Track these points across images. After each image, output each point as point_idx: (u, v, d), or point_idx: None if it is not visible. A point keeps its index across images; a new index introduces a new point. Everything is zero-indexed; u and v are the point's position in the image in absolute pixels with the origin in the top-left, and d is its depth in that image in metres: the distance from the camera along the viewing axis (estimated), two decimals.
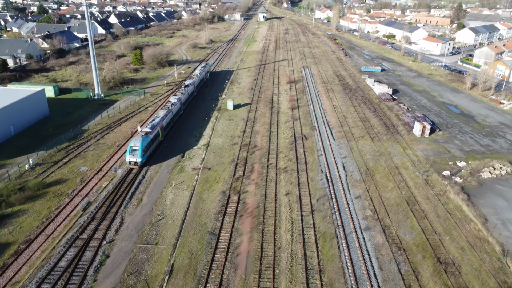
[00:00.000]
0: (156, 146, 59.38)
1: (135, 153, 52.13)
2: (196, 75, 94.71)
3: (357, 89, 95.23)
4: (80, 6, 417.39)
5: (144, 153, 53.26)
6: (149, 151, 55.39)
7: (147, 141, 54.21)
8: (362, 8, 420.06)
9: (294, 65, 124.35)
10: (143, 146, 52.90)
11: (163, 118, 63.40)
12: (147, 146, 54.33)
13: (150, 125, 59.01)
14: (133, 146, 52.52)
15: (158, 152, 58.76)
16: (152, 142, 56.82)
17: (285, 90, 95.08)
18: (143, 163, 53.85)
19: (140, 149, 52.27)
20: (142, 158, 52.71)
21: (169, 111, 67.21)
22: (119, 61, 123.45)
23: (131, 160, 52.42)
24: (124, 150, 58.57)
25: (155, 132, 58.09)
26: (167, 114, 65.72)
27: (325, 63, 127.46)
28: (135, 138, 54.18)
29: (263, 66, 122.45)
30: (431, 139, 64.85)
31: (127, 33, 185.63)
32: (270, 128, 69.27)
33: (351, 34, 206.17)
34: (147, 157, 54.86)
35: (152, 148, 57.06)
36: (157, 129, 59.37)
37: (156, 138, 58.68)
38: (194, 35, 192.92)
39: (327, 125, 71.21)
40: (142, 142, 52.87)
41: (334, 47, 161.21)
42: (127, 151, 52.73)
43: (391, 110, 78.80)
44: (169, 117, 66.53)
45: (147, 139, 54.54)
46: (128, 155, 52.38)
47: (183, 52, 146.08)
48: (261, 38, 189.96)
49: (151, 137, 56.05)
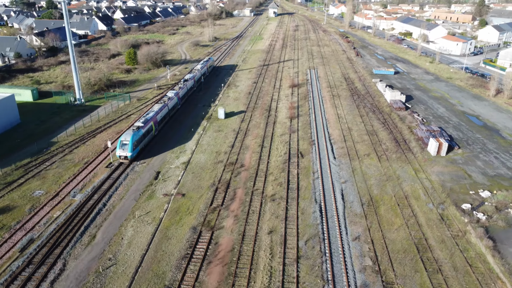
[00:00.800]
0: (149, 141, 59.21)
1: (125, 148, 52.02)
2: (197, 70, 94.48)
3: (366, 95, 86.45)
4: (90, 1, 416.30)
5: (135, 147, 53.20)
6: (140, 145, 55.21)
7: (138, 136, 54.06)
8: (379, 3, 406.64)
9: (299, 66, 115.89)
10: (134, 141, 52.72)
11: (158, 112, 63.09)
12: (138, 140, 54.17)
13: (143, 119, 58.84)
14: (123, 140, 52.36)
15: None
16: (144, 136, 56.52)
17: (286, 95, 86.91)
18: (134, 157, 53.79)
19: (130, 143, 52.12)
20: (133, 153, 52.71)
21: (165, 105, 66.84)
22: (113, 61, 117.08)
23: (121, 155, 52.32)
24: (91, 169, 51.64)
25: (147, 126, 57.83)
26: (162, 109, 65.32)
27: (334, 64, 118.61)
28: (126, 132, 53.95)
29: (266, 67, 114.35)
30: (449, 159, 56.07)
31: (129, 30, 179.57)
32: (262, 142, 61.43)
33: (364, 32, 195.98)
34: (138, 152, 54.80)
35: (144, 142, 56.78)
36: (150, 124, 59.03)
37: (148, 132, 58.38)
38: (198, 32, 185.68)
39: (329, 139, 62.99)
40: (132, 137, 52.73)
41: (345, 46, 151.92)
42: (118, 145, 52.51)
43: (403, 121, 70.03)
44: (164, 111, 66.12)
45: (138, 133, 54.34)
46: (118, 149, 52.23)
47: (183, 51, 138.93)
48: (269, 35, 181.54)
49: (143, 131, 55.75)
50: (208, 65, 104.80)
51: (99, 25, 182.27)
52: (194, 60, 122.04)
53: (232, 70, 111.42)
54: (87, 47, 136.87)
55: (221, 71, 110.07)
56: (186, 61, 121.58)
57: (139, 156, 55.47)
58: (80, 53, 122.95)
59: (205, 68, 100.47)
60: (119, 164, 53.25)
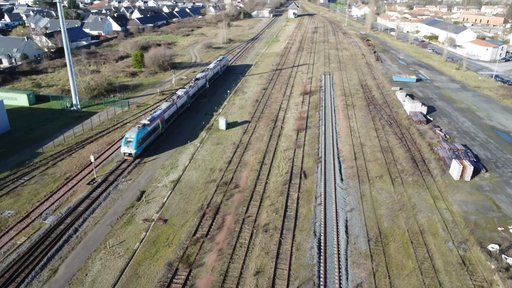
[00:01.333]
0: (155, 138, 60.29)
1: (130, 145, 53.31)
2: (210, 69, 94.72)
3: (383, 105, 79.77)
4: (112, 0, 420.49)
5: (140, 144, 54.38)
6: (145, 143, 56.43)
7: (143, 133, 55.18)
8: (404, 4, 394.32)
9: (314, 71, 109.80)
10: (138, 138, 53.91)
11: (165, 110, 64.22)
12: (143, 138, 55.35)
13: (150, 117, 60.14)
14: (128, 138, 53.68)
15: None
16: (150, 134, 57.64)
17: (296, 104, 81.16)
18: (138, 155, 54.87)
19: (135, 140, 53.31)
20: (137, 150, 53.88)
21: (173, 103, 67.99)
22: (120, 63, 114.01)
23: (125, 152, 53.59)
24: (71, 186, 47.53)
25: (154, 124, 58.92)
26: (170, 107, 66.36)
27: (351, 70, 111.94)
28: (132, 130, 55.22)
29: (278, 72, 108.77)
30: (474, 184, 49.25)
31: (143, 30, 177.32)
32: (263, 158, 56.03)
33: (387, 34, 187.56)
34: (142, 149, 55.91)
35: (149, 140, 57.98)
36: (157, 121, 60.15)
37: (155, 130, 59.45)
38: (213, 33, 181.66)
39: (337, 156, 57.01)
40: (137, 134, 53.95)
41: (365, 50, 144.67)
42: (123, 142, 53.95)
43: (423, 137, 63.27)
44: (172, 109, 67.21)
45: (143, 131, 55.51)
46: (123, 146, 53.61)
47: (194, 53, 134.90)
48: (286, 37, 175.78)
49: (148, 129, 56.88)
50: (222, 64, 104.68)
51: (113, 25, 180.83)
52: (204, 63, 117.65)
53: (242, 74, 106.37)
54: (97, 48, 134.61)
55: (230, 75, 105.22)
56: (195, 64, 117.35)
57: (144, 154, 56.45)
58: (88, 54, 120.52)
59: (218, 67, 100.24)
60: (103, 180, 49.00)
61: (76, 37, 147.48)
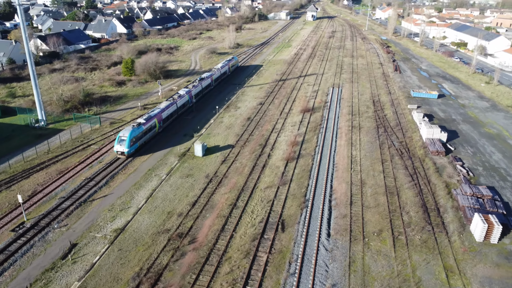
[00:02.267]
0: (150, 137, 60.75)
1: (123, 143, 54.08)
2: (217, 69, 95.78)
3: (396, 128, 68.57)
4: (131, 1, 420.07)
5: (133, 143, 55.09)
6: (139, 142, 57.02)
7: (137, 132, 55.91)
8: (433, 6, 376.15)
9: (322, 83, 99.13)
10: (132, 137, 54.67)
11: (163, 110, 64.79)
12: (137, 137, 55.97)
13: (146, 116, 61.11)
14: (121, 136, 54.47)
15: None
16: (145, 133, 58.20)
17: (293, 124, 70.93)
18: (131, 153, 55.54)
19: (128, 139, 54.10)
20: (130, 149, 54.64)
21: (173, 103, 68.38)
22: (111, 70, 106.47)
23: (118, 150, 54.41)
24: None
25: (150, 123, 59.52)
26: (169, 106, 66.78)
27: (364, 81, 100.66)
28: (126, 128, 56.07)
29: (282, 83, 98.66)
30: (502, 250, 37.94)
31: (148, 33, 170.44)
32: (237, 198, 46.25)
33: (410, 40, 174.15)
34: (136, 148, 56.45)
35: (144, 139, 58.41)
36: (153, 120, 60.73)
37: (151, 129, 60.12)
38: (222, 37, 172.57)
39: (329, 199, 46.59)
40: (131, 133, 54.70)
41: (384, 58, 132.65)
42: (116, 140, 54.86)
43: (439, 174, 51.99)
44: (172, 109, 67.39)
45: (138, 130, 56.28)
46: (116, 144, 54.47)
47: (195, 59, 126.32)
48: (299, 42, 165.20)
49: (143, 128, 57.63)
50: (231, 65, 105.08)
51: (118, 27, 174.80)
52: (203, 71, 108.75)
53: (241, 85, 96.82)
54: (91, 53, 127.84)
55: (227, 86, 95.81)
56: (193, 72, 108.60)
57: (138, 152, 56.95)
58: (80, 60, 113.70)
59: (226, 67, 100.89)
60: (33, 224, 40.35)
61: (76, 40, 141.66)
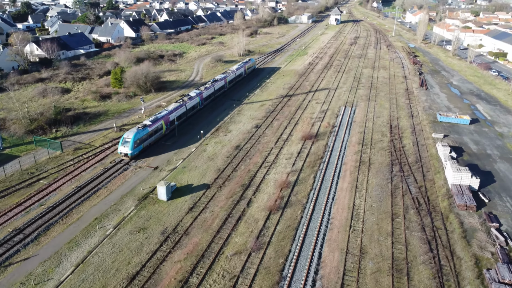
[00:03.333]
0: (157, 139, 60.96)
1: (127, 145, 54.21)
2: (232, 71, 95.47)
3: (414, 166, 56.28)
4: (153, 2, 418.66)
5: (137, 145, 55.15)
6: (144, 143, 57.03)
7: (142, 134, 55.99)
8: (469, 10, 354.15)
9: (334, 101, 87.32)
10: (136, 138, 54.77)
11: (171, 112, 65.09)
12: (142, 139, 56.05)
13: (153, 117, 61.50)
14: (126, 138, 54.69)
15: None
16: (150, 135, 58.26)
17: (288, 156, 59.78)
18: (135, 155, 55.37)
19: (132, 141, 54.23)
20: (133, 150, 54.59)
21: (182, 105, 68.51)
22: (101, 80, 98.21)
23: (122, 151, 54.59)
24: None
25: (156, 125, 59.78)
26: (178, 108, 67.09)
27: (383, 100, 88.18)
28: (130, 130, 56.29)
29: (287, 100, 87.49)
30: None
31: (155, 38, 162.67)
32: (192, 270, 35.69)
33: (441, 49, 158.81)
34: (140, 150, 56.36)
35: (149, 141, 58.53)
36: (160, 122, 61.06)
37: (157, 131, 60.20)
38: (234, 42, 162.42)
39: (313, 278, 35.29)
40: (135, 135, 54.84)
41: (409, 70, 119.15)
42: (120, 142, 55.18)
43: (467, 242, 39.72)
44: (181, 111, 67.61)
45: (143, 131, 56.39)
46: (120, 145, 54.72)
47: (197, 68, 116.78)
48: (316, 50, 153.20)
49: (149, 130, 57.70)
50: (247, 67, 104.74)
51: (126, 31, 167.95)
52: (203, 82, 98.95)
53: (240, 101, 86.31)
54: (89, 59, 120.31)
55: (224, 101, 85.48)
56: (191, 84, 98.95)
57: (142, 154, 57.12)
58: (71, 67, 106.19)
59: (242, 69, 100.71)
60: None
61: (77, 44, 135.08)
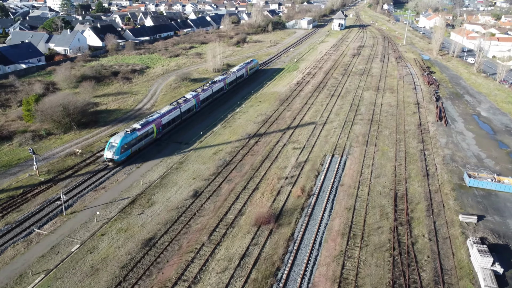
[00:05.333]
0: (146, 144, 58.82)
1: (113, 150, 52.20)
2: (233, 72, 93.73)
3: (432, 281, 33.52)
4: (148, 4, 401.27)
5: (124, 150, 53.23)
6: (132, 149, 55.12)
7: (130, 138, 54.18)
8: (489, 12, 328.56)
9: (318, 145, 64.76)
10: (123, 143, 52.89)
11: (164, 115, 63.27)
12: (129, 143, 54.10)
13: (143, 120, 59.68)
14: (112, 142, 52.94)
15: None
16: (139, 140, 56.25)
17: (223, 267, 37.18)
18: (121, 161, 53.45)
19: (118, 146, 52.30)
20: (120, 156, 52.67)
21: (176, 107, 66.71)
22: (20, 110, 76.76)
23: (107, 157, 52.63)
24: None
25: (146, 128, 57.78)
26: (171, 111, 65.19)
27: (387, 143, 65.39)
28: (118, 134, 54.91)
29: (254, 143, 64.99)
30: None
31: (123, 48, 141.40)
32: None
33: (462, 62, 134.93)
34: (128, 155, 54.39)
35: (138, 146, 56.50)
36: (151, 126, 59.06)
37: (147, 135, 58.19)
38: (215, 53, 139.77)
39: None
40: (122, 139, 52.97)
41: (423, 92, 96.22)
42: (106, 146, 53.30)
43: None
44: (174, 114, 65.60)
45: (131, 136, 54.56)
46: (106, 150, 52.80)
47: (155, 90, 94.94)
48: (310, 63, 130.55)
49: (138, 134, 55.74)
50: (249, 68, 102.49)
51: (90, 39, 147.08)
52: (152, 112, 77.12)
53: (189, 144, 64.01)
54: (20, 78, 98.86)
55: (167, 145, 63.27)
56: (136, 115, 77.02)
57: (130, 160, 54.73)
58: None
59: (243, 70, 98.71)
60: None
61: (19, 57, 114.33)
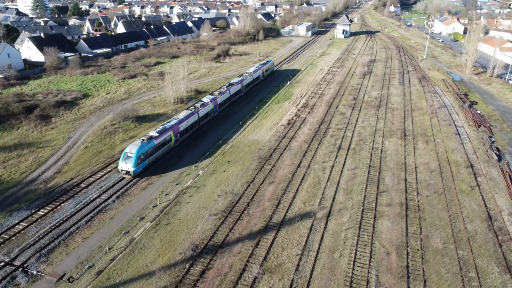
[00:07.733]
0: (164, 153, 56.27)
1: (129, 161, 49.48)
2: (249, 73, 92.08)
3: None
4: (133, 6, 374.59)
5: (141, 161, 50.39)
6: (149, 159, 52.38)
7: (147, 148, 51.30)
8: (508, 16, 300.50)
9: (318, 278, 35.13)
10: (140, 153, 50.04)
11: (182, 121, 60.34)
12: (146, 153, 51.23)
13: (161, 127, 56.39)
14: (128, 153, 50.04)
15: None
16: (156, 149, 53.46)
17: None
18: (138, 173, 50.62)
19: (135, 156, 49.43)
20: (136, 168, 49.83)
21: (193, 112, 64.24)
22: None
23: (123, 168, 49.83)
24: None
25: (164, 136, 55.02)
26: (189, 116, 62.51)
27: (445, 270, 35.73)
28: (134, 143, 51.70)
29: (193, 281, 35.49)
30: None
31: (66, 65, 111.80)
32: None
33: (507, 85, 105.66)
34: (145, 166, 51.76)
35: (155, 155, 53.76)
36: (169, 133, 56.27)
37: (165, 144, 55.49)
38: (180, 74, 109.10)
39: None
40: (139, 149, 50.10)
41: (471, 139, 66.86)
42: (121, 157, 50.26)
43: None
44: (192, 119, 63.24)
45: (148, 145, 51.62)
46: (121, 161, 49.90)
47: (75, 140, 65.25)
48: (307, 87, 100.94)
49: (155, 142, 52.98)
50: (265, 69, 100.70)
51: (29, 52, 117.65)
52: (60, 185, 47.71)
53: None
54: None
55: None
56: (22, 193, 47.59)
57: (147, 171, 52.00)
58: None
59: (259, 71, 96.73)
60: None
61: None
